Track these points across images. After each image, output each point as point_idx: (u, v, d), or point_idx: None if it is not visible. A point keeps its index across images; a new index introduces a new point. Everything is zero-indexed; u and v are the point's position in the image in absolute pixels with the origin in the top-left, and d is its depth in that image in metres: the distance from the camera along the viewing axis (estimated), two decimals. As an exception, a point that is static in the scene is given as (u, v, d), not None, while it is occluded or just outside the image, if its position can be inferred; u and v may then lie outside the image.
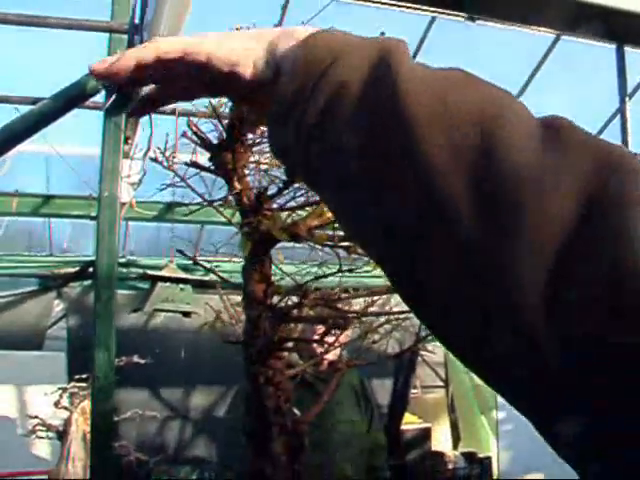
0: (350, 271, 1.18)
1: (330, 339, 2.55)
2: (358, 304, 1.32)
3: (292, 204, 1.19)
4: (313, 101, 0.50)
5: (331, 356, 2.64)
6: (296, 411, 1.21)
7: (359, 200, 0.49)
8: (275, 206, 1.20)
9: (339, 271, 1.18)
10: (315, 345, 2.78)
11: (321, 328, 2.54)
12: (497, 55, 5.73)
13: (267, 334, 1.13)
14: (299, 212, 1.22)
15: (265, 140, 0.85)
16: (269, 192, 1.14)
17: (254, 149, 1.11)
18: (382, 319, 1.34)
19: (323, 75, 0.50)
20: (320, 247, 1.18)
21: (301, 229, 1.17)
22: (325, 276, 1.19)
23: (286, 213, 1.21)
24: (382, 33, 1.40)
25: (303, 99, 0.51)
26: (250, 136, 1.05)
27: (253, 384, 1.19)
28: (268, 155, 1.20)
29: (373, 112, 0.47)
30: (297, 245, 1.23)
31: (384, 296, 1.38)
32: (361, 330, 1.41)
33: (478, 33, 5.24)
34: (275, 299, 1.20)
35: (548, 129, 0.44)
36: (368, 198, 0.48)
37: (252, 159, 1.16)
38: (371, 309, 1.29)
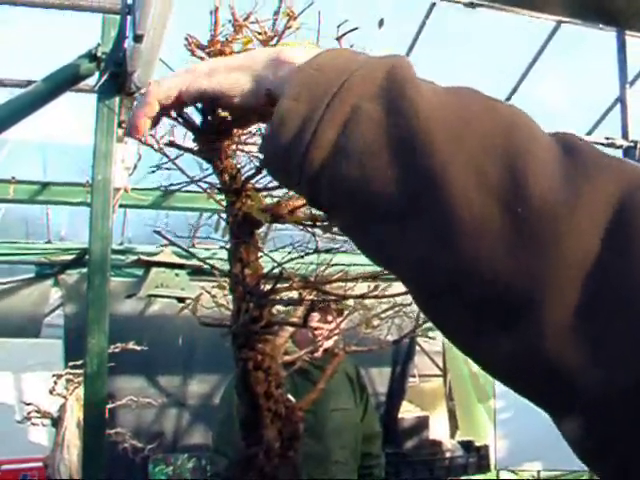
0: (327, 252, 1.16)
1: (325, 325, 2.55)
2: (359, 290, 1.30)
3: (274, 185, 1.16)
4: (326, 123, 0.49)
5: (328, 343, 2.63)
6: (290, 397, 1.19)
7: (381, 229, 0.47)
8: (259, 187, 1.17)
9: (315, 251, 1.16)
10: (310, 332, 2.78)
11: (316, 316, 2.53)
12: (497, 42, 5.69)
13: (252, 317, 1.10)
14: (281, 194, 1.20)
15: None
16: (251, 172, 1.11)
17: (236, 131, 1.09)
18: (385, 305, 1.32)
19: (334, 97, 0.49)
20: (300, 228, 1.16)
21: (284, 210, 1.14)
22: (301, 256, 1.17)
23: (268, 194, 1.18)
24: (381, 20, 1.37)
25: (312, 122, 0.49)
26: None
27: (242, 369, 1.17)
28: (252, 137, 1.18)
29: (392, 136, 0.46)
30: (281, 230, 1.21)
31: (382, 283, 1.36)
32: (361, 316, 1.39)
33: (478, 20, 5.20)
34: (261, 283, 1.17)
35: (568, 152, 0.43)
36: (389, 223, 0.46)
37: (235, 140, 1.13)
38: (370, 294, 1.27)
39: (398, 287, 1.35)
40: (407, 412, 6.48)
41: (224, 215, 1.27)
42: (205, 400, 6.12)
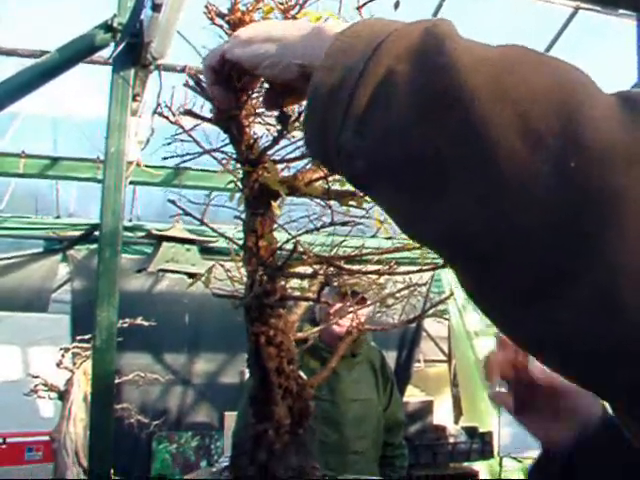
0: (344, 224, 1.15)
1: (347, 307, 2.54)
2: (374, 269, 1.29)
3: (292, 157, 1.15)
4: (361, 88, 0.47)
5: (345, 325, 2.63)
6: (302, 374, 1.18)
7: (420, 192, 0.45)
8: (276, 159, 1.15)
9: (331, 224, 1.15)
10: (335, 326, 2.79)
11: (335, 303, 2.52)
12: (512, 28, 5.63)
13: (265, 290, 1.09)
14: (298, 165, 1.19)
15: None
16: (268, 143, 1.09)
17: (256, 99, 1.07)
18: (400, 284, 1.31)
19: (369, 61, 0.47)
20: (316, 200, 1.14)
21: (300, 182, 1.12)
22: (317, 229, 1.16)
23: (284, 166, 1.17)
24: (397, 2, 1.36)
25: (347, 88, 0.48)
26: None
27: (254, 344, 1.15)
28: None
29: (431, 93, 0.44)
30: (296, 204, 1.20)
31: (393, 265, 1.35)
32: (375, 294, 1.38)
33: (494, 5, 5.15)
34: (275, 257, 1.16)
35: (629, 107, 0.40)
36: (431, 187, 0.44)
37: (254, 110, 1.12)
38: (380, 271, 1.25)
39: (411, 267, 1.33)
40: (412, 396, 6.48)
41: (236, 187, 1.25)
42: (211, 379, 6.13)
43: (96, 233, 5.66)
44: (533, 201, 0.39)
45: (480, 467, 6.33)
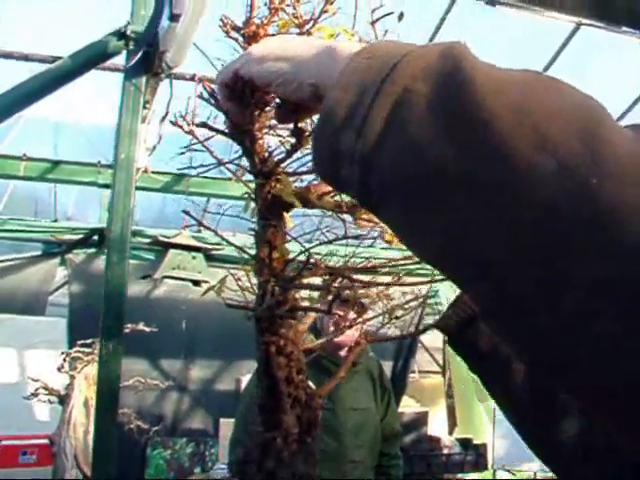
0: (356, 238, 1.16)
1: (350, 317, 2.55)
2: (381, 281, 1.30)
3: (304, 170, 1.16)
4: (377, 107, 0.48)
5: (349, 337, 2.66)
6: (311, 384, 1.19)
7: (434, 208, 0.45)
8: (289, 171, 1.17)
9: (344, 237, 1.16)
10: (332, 326, 2.81)
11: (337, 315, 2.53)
12: (514, 42, 5.66)
13: (277, 301, 1.10)
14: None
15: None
16: (281, 155, 1.11)
17: (269, 112, 1.09)
18: (409, 295, 1.32)
19: (385, 80, 0.48)
20: (329, 213, 1.15)
21: (312, 194, 1.14)
22: (330, 242, 1.17)
23: (296, 178, 1.18)
24: (401, 14, 1.38)
25: (362, 107, 0.48)
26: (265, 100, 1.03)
27: (264, 354, 1.16)
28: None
29: (449, 112, 0.44)
30: (308, 214, 1.21)
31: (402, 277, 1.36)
32: (384, 306, 1.39)
33: (496, 18, 5.17)
34: (287, 268, 1.17)
35: (635, 127, 0.42)
36: (446, 205, 0.44)
37: (267, 123, 1.13)
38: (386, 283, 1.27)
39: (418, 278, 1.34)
40: (407, 407, 6.49)
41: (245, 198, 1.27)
42: (206, 385, 6.12)
43: (95, 237, 5.67)
44: (555, 218, 0.40)
45: (474, 479, 6.33)
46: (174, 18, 1.90)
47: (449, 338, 1.25)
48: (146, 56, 2.01)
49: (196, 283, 3.92)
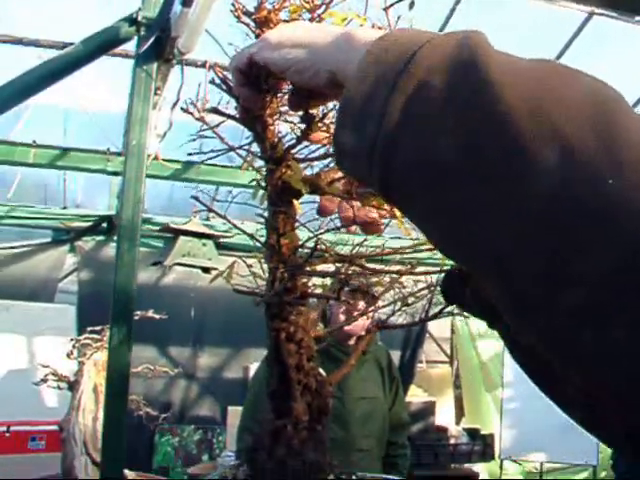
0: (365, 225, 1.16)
1: (359, 306, 2.55)
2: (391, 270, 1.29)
3: (314, 156, 1.15)
4: (395, 100, 0.47)
5: (359, 326, 2.66)
6: (321, 371, 1.19)
7: (457, 202, 0.45)
8: (299, 157, 1.16)
9: (354, 224, 1.15)
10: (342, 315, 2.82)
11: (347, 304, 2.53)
12: (525, 32, 5.62)
13: (286, 287, 1.10)
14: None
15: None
16: (291, 142, 1.10)
17: (281, 98, 1.08)
18: (421, 284, 1.31)
19: (402, 73, 0.47)
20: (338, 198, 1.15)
21: (323, 181, 1.13)
22: (338, 228, 1.17)
23: (307, 165, 1.18)
24: (412, 2, 1.36)
25: (380, 99, 0.48)
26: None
27: (274, 341, 1.16)
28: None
29: (466, 105, 0.44)
30: (317, 201, 1.20)
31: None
32: (397, 294, 1.39)
33: (507, 7, 5.14)
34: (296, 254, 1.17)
35: None
36: (465, 199, 0.44)
37: (279, 109, 1.12)
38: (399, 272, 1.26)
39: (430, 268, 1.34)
40: (414, 396, 6.49)
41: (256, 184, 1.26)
42: (214, 373, 6.14)
43: (104, 225, 5.68)
44: (568, 214, 0.39)
45: (481, 469, 6.34)
46: (186, 3, 1.89)
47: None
48: (158, 42, 2.00)
49: (206, 270, 3.92)
